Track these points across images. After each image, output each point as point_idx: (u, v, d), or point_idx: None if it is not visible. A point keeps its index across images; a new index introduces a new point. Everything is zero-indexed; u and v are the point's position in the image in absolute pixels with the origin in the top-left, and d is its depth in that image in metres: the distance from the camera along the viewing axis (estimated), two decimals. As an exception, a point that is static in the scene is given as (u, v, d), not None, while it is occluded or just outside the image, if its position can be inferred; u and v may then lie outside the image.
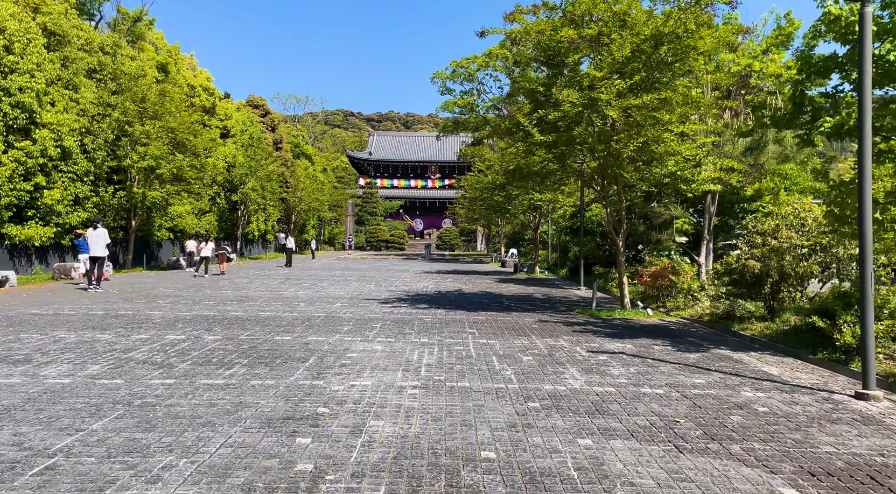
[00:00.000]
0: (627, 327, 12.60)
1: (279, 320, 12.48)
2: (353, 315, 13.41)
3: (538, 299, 18.60)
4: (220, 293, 18.09)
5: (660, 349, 9.97)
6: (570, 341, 10.54)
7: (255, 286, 20.81)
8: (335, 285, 22.05)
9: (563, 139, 13.29)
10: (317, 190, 60.31)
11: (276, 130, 57.66)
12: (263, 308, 14.45)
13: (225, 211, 43.06)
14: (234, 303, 15.49)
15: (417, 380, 7.41)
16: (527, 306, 16.46)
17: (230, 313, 13.43)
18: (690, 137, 13.99)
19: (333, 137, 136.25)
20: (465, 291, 20.71)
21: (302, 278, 24.94)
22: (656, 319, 14.00)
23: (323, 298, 17.29)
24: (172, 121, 28.57)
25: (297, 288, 20.36)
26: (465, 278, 26.91)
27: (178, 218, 34.73)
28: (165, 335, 10.37)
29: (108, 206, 27.53)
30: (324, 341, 10.06)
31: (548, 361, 8.72)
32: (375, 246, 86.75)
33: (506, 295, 19.42)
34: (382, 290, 20.35)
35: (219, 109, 44.05)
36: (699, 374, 8.06)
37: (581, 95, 12.62)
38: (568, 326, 12.45)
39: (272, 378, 7.37)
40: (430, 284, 23.53)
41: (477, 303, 16.77)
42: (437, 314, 14.03)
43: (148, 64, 33.70)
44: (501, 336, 10.86)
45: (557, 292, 20.97)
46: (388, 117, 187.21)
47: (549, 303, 17.41)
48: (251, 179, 42.79)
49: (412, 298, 17.89)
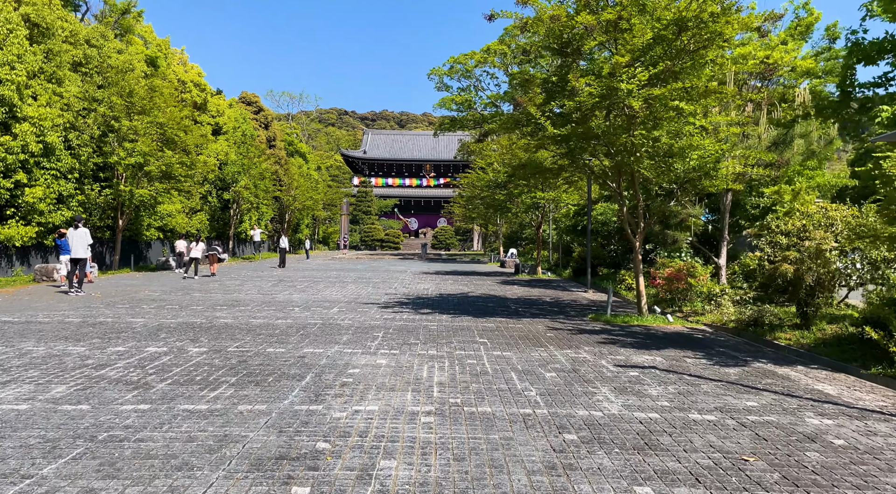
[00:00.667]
0: (649, 335, 11.66)
1: (272, 328, 11.49)
2: (353, 322, 12.43)
3: (546, 302, 17.66)
4: (209, 297, 17.07)
5: (693, 362, 9.03)
6: (592, 353, 9.59)
7: (247, 289, 19.80)
8: (331, 287, 21.06)
9: (578, 132, 12.32)
10: (311, 189, 59.18)
11: (269, 128, 56.53)
12: (255, 314, 13.45)
13: (217, 210, 41.96)
14: (223, 308, 14.48)
15: (431, 404, 6.44)
16: (535, 310, 15.51)
17: (219, 320, 12.42)
18: (710, 131, 13.05)
19: (328, 136, 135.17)
20: (468, 294, 19.75)
21: (296, 280, 23.94)
22: (678, 326, 13.06)
23: (319, 302, 16.30)
24: (161, 116, 27.49)
25: (291, 291, 19.35)
26: (466, 280, 25.95)
27: (168, 217, 33.63)
28: (146, 346, 9.37)
29: (94, 204, 26.44)
30: (321, 353, 9.08)
31: (574, 378, 7.76)
32: (370, 245, 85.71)
33: (511, 298, 18.47)
34: (381, 293, 19.37)
35: (210, 105, 42.93)
36: (748, 394, 7.11)
37: (600, 84, 11.66)
38: (585, 334, 11.50)
39: (263, 402, 6.39)
40: (430, 286, 22.57)
41: (482, 308, 15.81)
42: (443, 320, 13.06)
43: (136, 58, 32.58)
44: (516, 347, 9.90)
45: (565, 295, 20.03)
46: (383, 116, 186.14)
47: (559, 307, 16.46)
48: (244, 177, 41.70)
49: (413, 301, 16.91)
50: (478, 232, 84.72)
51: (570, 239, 31.46)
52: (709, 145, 12.34)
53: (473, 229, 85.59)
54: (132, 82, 27.66)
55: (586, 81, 11.76)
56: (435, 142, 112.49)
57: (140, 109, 27.10)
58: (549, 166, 14.52)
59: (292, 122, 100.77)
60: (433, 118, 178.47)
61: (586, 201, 27.82)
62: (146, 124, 27.05)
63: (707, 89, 11.95)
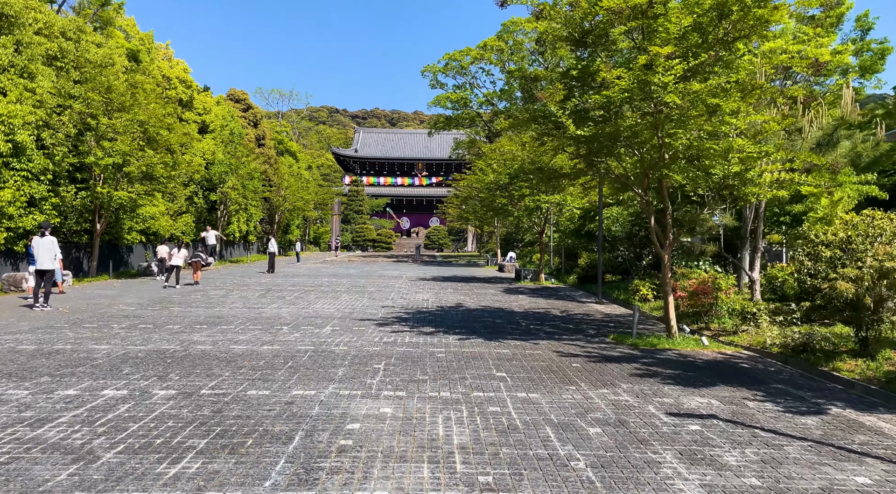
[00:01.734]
0: (687, 365, 10.23)
1: (256, 357, 9.97)
2: (349, 349, 10.92)
3: (558, 317, 16.21)
4: (189, 312, 15.52)
5: (757, 406, 7.59)
6: (632, 392, 8.13)
7: (232, 301, 18.24)
8: (323, 298, 19.53)
9: (606, 132, 10.86)
10: (301, 188, 57.55)
11: (258, 126, 54.84)
12: (238, 336, 11.92)
13: (203, 212, 40.31)
14: (203, 328, 12.93)
15: (456, 486, 4.96)
16: (549, 328, 14.06)
17: (196, 346, 10.88)
18: (744, 131, 11.62)
19: (318, 134, 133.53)
20: (471, 306, 18.27)
21: (285, 289, 22.39)
22: (714, 350, 11.63)
23: (309, 318, 14.79)
24: (142, 114, 25.86)
25: (279, 304, 17.82)
26: (467, 288, 24.48)
27: (151, 220, 31.98)
28: (103, 388, 7.83)
29: (70, 207, 24.80)
30: (313, 397, 7.58)
31: (625, 437, 6.30)
32: (362, 246, 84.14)
33: (519, 312, 17.01)
34: (377, 305, 17.87)
35: (197, 102, 41.26)
36: (850, 463, 5.68)
37: (632, 77, 10.19)
38: (615, 364, 10.05)
39: (237, 487, 4.89)
40: (428, 295, 21.08)
41: (491, 325, 14.35)
42: (450, 344, 11.58)
43: (117, 52, 30.91)
44: (542, 386, 8.43)
45: (575, 308, 18.59)
46: (374, 114, 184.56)
47: (573, 323, 15.02)
48: (231, 178, 40.05)
49: (414, 317, 15.43)
50: (472, 233, 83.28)
51: (574, 244, 30.04)
52: (748, 147, 10.91)
53: (467, 230, 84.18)
54: (111, 77, 26.01)
55: (619, 73, 10.29)
56: (427, 140, 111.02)
57: (119, 106, 25.46)
58: (568, 171, 13.02)
59: (282, 120, 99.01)
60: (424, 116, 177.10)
61: (594, 204, 26.42)
62: (126, 122, 25.43)
63: (753, 85, 10.53)
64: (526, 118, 12.53)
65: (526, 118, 12.53)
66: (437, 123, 51.38)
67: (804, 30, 15.20)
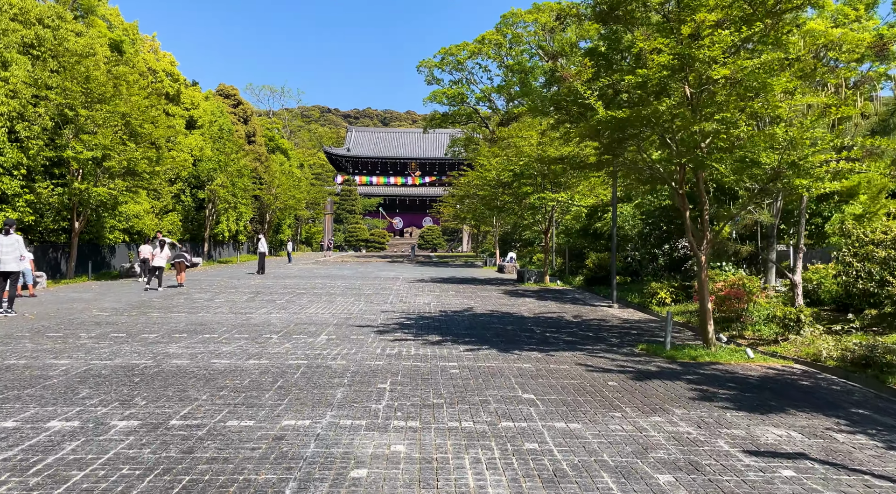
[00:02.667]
0: (739, 382, 8.89)
1: (240, 374, 8.56)
2: (348, 363, 9.53)
3: (573, 323, 14.87)
4: (169, 318, 14.08)
5: (847, 439, 6.25)
6: (691, 421, 6.79)
7: (217, 305, 16.80)
8: (316, 302, 18.11)
9: (640, 116, 9.51)
10: (293, 187, 56.03)
11: (248, 123, 53.28)
12: (221, 348, 10.51)
13: (191, 210, 38.76)
14: (182, 338, 11.50)
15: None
16: (567, 336, 12.71)
17: (171, 360, 9.46)
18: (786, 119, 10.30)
19: (310, 133, 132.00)
20: (478, 310, 16.90)
21: (276, 291, 20.95)
22: (761, 363, 10.30)
23: (302, 324, 13.38)
24: (123, 105, 24.35)
25: (269, 308, 16.39)
26: (469, 291, 23.10)
27: (135, 218, 30.45)
28: (50, 418, 6.41)
29: (46, 204, 23.28)
30: (307, 430, 6.19)
31: (708, 489, 4.94)
32: (355, 246, 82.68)
33: (530, 318, 15.66)
34: (376, 309, 16.47)
35: (184, 96, 39.71)
36: None
37: (674, 49, 8.84)
38: (657, 382, 8.70)
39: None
40: (429, 299, 19.69)
41: (502, 333, 12.98)
42: (462, 356, 10.21)
43: (98, 41, 29.38)
44: (581, 412, 7.07)
45: (589, 312, 17.25)
46: (366, 114, 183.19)
47: (592, 331, 13.68)
48: (220, 175, 38.51)
49: (417, 323, 14.05)
50: (468, 232, 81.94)
51: (581, 244, 28.72)
52: (804, 134, 9.58)
53: (463, 230, 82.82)
54: (91, 67, 24.48)
55: (654, 47, 8.94)
56: (420, 140, 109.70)
57: (99, 97, 23.94)
58: (594, 160, 11.63)
59: (273, 117, 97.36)
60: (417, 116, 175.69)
61: (602, 202, 25.14)
62: (106, 114, 23.92)
63: (808, 64, 9.20)
64: (546, 101, 11.15)
65: (546, 101, 11.15)
66: (433, 119, 49.98)
67: (845, 10, 13.91)
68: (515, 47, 44.24)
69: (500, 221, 43.08)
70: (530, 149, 23.61)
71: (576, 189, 24.84)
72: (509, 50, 44.87)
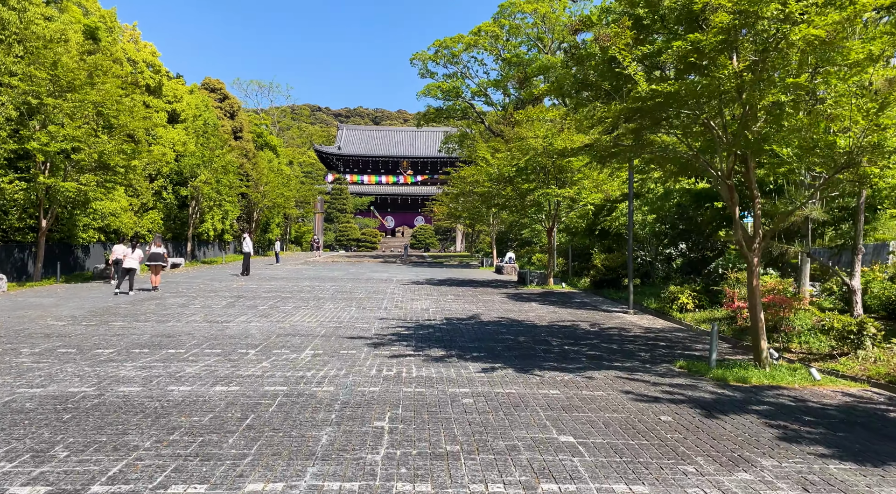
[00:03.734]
0: (817, 413, 7.24)
1: (201, 407, 6.84)
2: (336, 389, 7.82)
3: (591, 333, 13.22)
4: (133, 329, 12.32)
5: None
6: (790, 479, 5.12)
7: (191, 313, 15.04)
8: (303, 308, 16.38)
9: (695, 88, 7.84)
10: (282, 185, 54.13)
11: (235, 118, 51.36)
12: (184, 369, 8.77)
13: (173, 208, 36.85)
14: (140, 355, 9.75)
15: None
16: (588, 349, 11.06)
17: (118, 387, 7.71)
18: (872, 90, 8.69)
19: (300, 131, 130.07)
20: (483, 317, 15.22)
21: (259, 296, 19.19)
22: (831, 387, 8.65)
23: (285, 336, 11.66)
24: (94, 94, 22.51)
25: (249, 315, 14.66)
26: (469, 294, 21.41)
27: (112, 216, 28.60)
28: (-75, 483, 4.68)
29: (10, 200, 21.43)
30: (279, 501, 4.49)
31: None
32: (346, 245, 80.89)
33: (542, 326, 13.99)
34: (369, 317, 14.77)
35: (166, 89, 37.84)
36: None
37: (738, 4, 7.17)
38: (721, 416, 7.04)
39: None
40: (428, 304, 17.99)
41: (515, 346, 11.30)
42: (474, 379, 8.51)
43: (72, 28, 27.52)
44: (640, 465, 5.39)
45: (605, 319, 15.60)
46: (357, 113, 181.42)
47: (614, 342, 12.03)
48: (204, 171, 36.63)
49: (417, 335, 12.34)
50: (461, 232, 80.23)
51: (585, 243, 27.08)
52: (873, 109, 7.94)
53: (456, 229, 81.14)
54: (60, 51, 22.62)
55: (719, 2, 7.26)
56: (412, 138, 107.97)
57: (69, 86, 22.09)
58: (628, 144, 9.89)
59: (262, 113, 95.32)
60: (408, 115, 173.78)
61: (610, 198, 23.54)
62: (75, 103, 22.07)
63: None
64: (570, 79, 9.45)
65: (570, 79, 9.45)
66: (427, 114, 48.20)
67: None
68: (513, 40, 42.55)
69: (497, 219, 41.43)
70: (536, 142, 21.94)
71: (582, 185, 23.19)
72: (506, 42, 43.17)
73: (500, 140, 33.78)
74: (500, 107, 46.59)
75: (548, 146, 21.64)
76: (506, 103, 46.88)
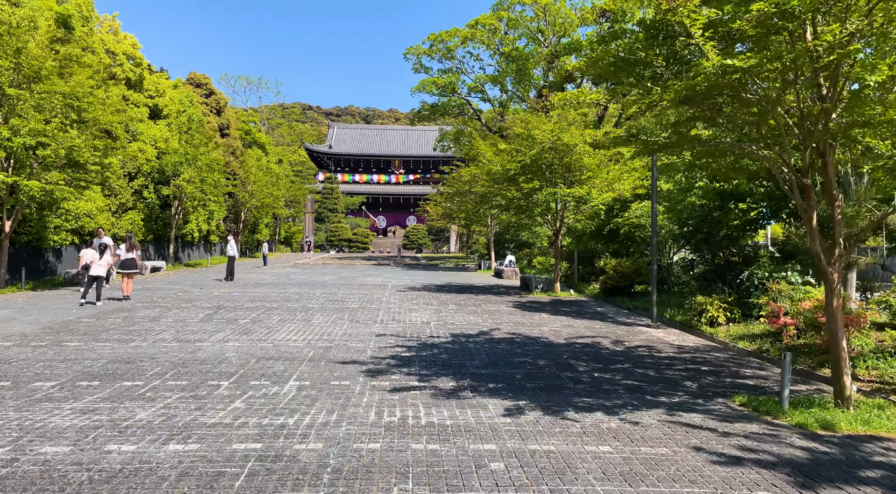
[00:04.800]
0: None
1: (142, 485, 5.09)
2: (326, 447, 6.08)
3: (617, 353, 11.54)
4: (88, 351, 10.54)
5: None
6: None
7: (162, 328, 13.26)
8: (289, 321, 14.64)
9: (784, 59, 6.16)
10: (271, 184, 52.20)
11: (222, 114, 49.43)
12: (135, 414, 7.01)
13: (155, 208, 34.97)
14: (86, 391, 7.98)
15: None
16: (622, 376, 9.38)
17: (41, 446, 5.94)
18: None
19: (291, 129, 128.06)
20: (493, 333, 13.52)
21: (241, 306, 17.43)
22: (942, 435, 7.00)
23: (267, 359, 9.91)
24: (63, 85, 20.65)
25: (227, 331, 12.90)
26: (472, 303, 19.71)
27: (87, 217, 26.72)
28: None
29: (-31, 201, 19.57)
30: None
31: None
32: (337, 246, 79.06)
33: (562, 345, 12.30)
34: (364, 333, 13.04)
35: (148, 83, 35.95)
36: None
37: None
38: (829, 489, 5.37)
39: None
40: (428, 315, 16.29)
41: (538, 373, 9.61)
42: (500, 428, 6.79)
43: (43, 15, 25.64)
44: None
45: (627, 334, 13.94)
46: (348, 112, 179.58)
47: (649, 367, 10.35)
48: (188, 169, 34.74)
49: (420, 357, 10.63)
50: (455, 232, 78.53)
51: (594, 246, 25.42)
52: None
53: (450, 229, 79.41)
54: (26, 40, 20.76)
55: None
56: (405, 137, 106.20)
57: (35, 75, 20.23)
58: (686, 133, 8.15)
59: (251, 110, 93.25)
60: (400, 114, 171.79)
61: (623, 197, 21.90)
62: (41, 95, 20.22)
63: None
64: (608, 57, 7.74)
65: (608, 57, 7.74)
66: (421, 110, 46.44)
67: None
68: (512, 33, 40.84)
69: (496, 220, 39.75)
70: (543, 136, 20.23)
71: (592, 183, 21.52)
72: (504, 36, 41.46)
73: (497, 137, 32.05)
74: (497, 104, 44.87)
75: (555, 141, 19.96)
76: (503, 100, 45.20)
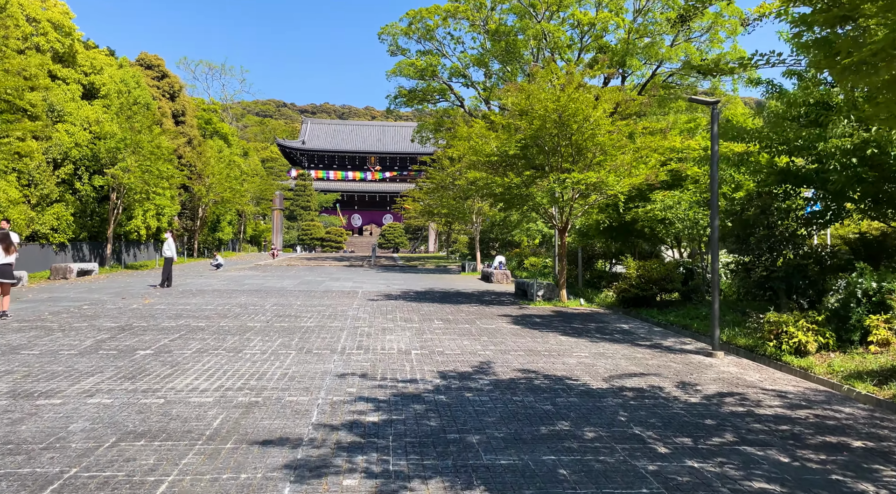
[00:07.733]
0: None
1: None
2: None
3: (693, 409, 7.46)
4: None
5: None
6: None
7: (7, 370, 8.91)
8: (210, 353, 10.36)
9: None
10: (233, 178, 47.64)
11: (176, 99, 44.64)
12: None
13: (90, 201, 30.32)
14: None
15: None
16: (735, 467, 5.31)
17: None
18: None
19: (263, 126, 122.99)
20: (499, 371, 9.35)
21: (154, 327, 13.10)
22: None
23: (131, 439, 5.68)
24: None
25: (104, 374, 8.60)
26: (463, 318, 15.56)
27: (-6, 211, 22.16)
28: None
29: None
30: None
31: None
32: (309, 245, 74.44)
33: (606, 393, 8.18)
34: (314, 373, 8.82)
35: (82, 58, 31.26)
36: None
37: None
38: None
39: None
40: (408, 339, 12.10)
41: (593, 461, 5.48)
42: None
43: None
44: None
45: (687, 370, 9.86)
46: (323, 109, 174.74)
47: (772, 446, 6.30)
48: (128, 156, 30.10)
49: (394, 424, 6.44)
50: (434, 231, 74.28)
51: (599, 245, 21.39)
52: None
53: (428, 227, 75.18)
54: None
55: None
56: (381, 133, 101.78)
57: None
58: None
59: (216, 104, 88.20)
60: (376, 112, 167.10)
61: (643, 184, 17.90)
62: None
63: None
64: None
65: None
66: (398, 96, 42.20)
67: None
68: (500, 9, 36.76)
69: (481, 217, 35.64)
70: (554, 104, 16.09)
71: (607, 167, 17.45)
72: (491, 12, 37.38)
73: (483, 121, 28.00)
74: (482, 89, 40.73)
75: (562, 112, 15.92)
76: (489, 86, 41.07)
